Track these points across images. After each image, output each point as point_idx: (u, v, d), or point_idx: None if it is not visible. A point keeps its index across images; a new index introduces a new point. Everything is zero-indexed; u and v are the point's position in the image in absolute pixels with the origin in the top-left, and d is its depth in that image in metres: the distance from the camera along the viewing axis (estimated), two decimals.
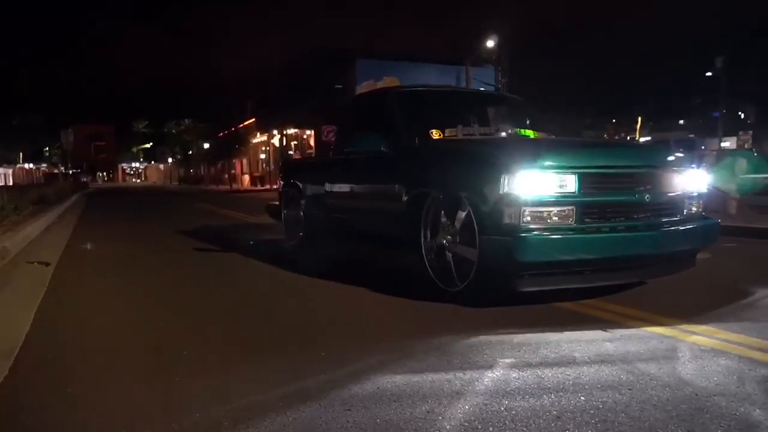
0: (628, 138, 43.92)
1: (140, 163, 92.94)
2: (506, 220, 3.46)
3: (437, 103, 5.23)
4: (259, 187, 37.51)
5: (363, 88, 32.50)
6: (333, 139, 22.36)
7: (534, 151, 3.63)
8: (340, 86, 34.03)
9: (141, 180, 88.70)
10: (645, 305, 3.65)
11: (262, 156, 45.01)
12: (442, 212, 4.05)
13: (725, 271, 4.91)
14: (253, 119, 43.86)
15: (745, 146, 34.52)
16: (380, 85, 34.02)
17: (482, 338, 3.02)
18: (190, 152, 53.01)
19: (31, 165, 74.09)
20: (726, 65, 35.45)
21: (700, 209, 4.15)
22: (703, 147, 30.24)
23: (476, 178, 3.67)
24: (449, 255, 4.00)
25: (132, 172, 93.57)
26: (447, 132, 4.61)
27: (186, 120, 56.21)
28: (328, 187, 5.54)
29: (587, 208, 3.54)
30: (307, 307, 3.95)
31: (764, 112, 50.57)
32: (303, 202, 6.17)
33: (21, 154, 71.93)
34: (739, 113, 54.87)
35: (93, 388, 2.42)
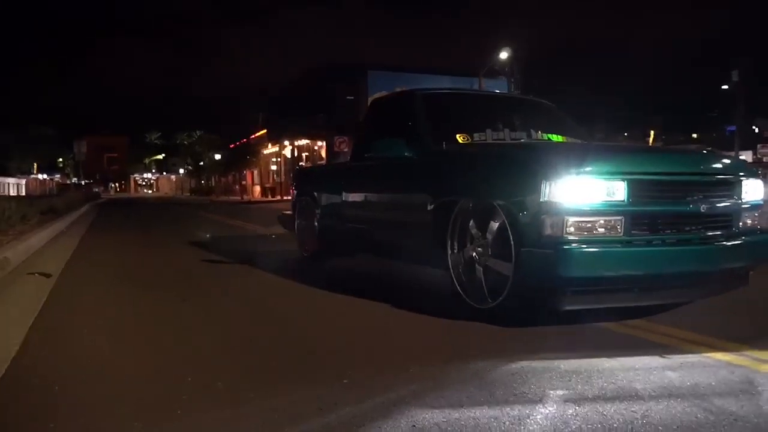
0: None
1: (152, 174, 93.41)
2: (548, 231, 3.11)
3: (464, 106, 4.91)
4: (270, 198, 37.33)
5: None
6: (345, 149, 22.12)
7: (579, 156, 3.29)
8: (351, 97, 33.72)
9: (153, 191, 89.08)
10: (697, 327, 3.28)
11: (273, 167, 44.90)
12: (472, 222, 3.72)
13: None
14: (265, 130, 43.83)
15: (764, 160, 33.92)
16: None
17: (524, 364, 2.66)
18: (202, 163, 53.05)
19: (45, 176, 74.51)
20: (742, 79, 34.96)
21: (756, 222, 3.78)
22: None
23: (513, 184, 3.33)
24: (479, 269, 3.66)
25: (144, 183, 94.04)
26: (476, 136, 4.28)
27: (197, 131, 56.40)
28: (345, 195, 5.22)
29: (637, 218, 3.19)
30: (324, 326, 3.61)
31: None
32: (318, 211, 5.85)
33: (35, 164, 72.37)
34: (753, 127, 54.07)
35: (82, 423, 2.09)
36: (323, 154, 36.14)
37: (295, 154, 38.87)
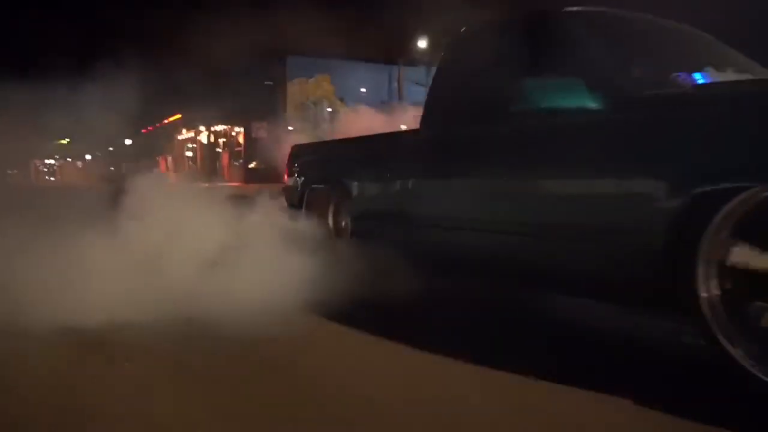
0: None
1: (56, 160, 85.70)
2: None
3: (649, 35, 3.03)
4: None
5: (294, 85, 31.97)
6: (264, 135, 19.42)
7: None
8: (270, 83, 32.44)
9: (56, 177, 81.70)
10: None
11: (189, 153, 42.21)
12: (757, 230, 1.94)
13: None
14: (179, 115, 41.01)
15: None
16: (312, 82, 32.93)
17: None
18: (111, 149, 48.78)
19: None
20: None
21: None
22: None
23: None
24: None
25: (47, 170, 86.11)
26: (698, 78, 2.49)
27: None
28: (429, 183, 3.20)
29: None
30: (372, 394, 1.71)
31: None
32: (353, 209, 3.83)
33: None
34: None
35: None
36: (241, 140, 34.90)
37: (212, 140, 37.34)
